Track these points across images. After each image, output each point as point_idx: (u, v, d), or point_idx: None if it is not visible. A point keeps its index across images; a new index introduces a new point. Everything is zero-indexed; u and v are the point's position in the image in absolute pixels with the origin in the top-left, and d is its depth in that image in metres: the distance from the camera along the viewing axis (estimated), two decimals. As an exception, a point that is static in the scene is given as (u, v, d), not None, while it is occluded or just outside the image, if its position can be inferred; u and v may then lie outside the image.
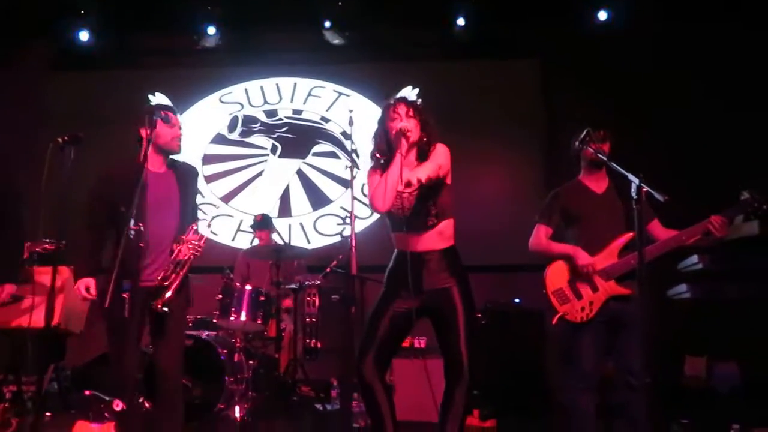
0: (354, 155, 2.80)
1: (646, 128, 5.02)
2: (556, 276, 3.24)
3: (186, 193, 3.02)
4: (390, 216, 2.80)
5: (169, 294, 2.76)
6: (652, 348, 2.67)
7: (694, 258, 3.95)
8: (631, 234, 3.16)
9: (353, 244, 2.30)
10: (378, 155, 2.85)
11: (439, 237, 2.76)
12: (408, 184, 2.61)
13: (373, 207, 2.75)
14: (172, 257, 2.86)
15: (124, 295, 2.47)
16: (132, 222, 2.47)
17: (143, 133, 2.88)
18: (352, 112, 2.72)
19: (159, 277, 2.81)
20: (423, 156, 2.80)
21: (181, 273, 2.83)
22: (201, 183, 5.58)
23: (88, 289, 2.79)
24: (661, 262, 3.11)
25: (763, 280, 3.87)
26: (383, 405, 2.72)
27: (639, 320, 3.05)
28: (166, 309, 2.74)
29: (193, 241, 2.85)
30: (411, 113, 2.78)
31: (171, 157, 3.06)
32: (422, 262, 2.72)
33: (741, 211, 3.13)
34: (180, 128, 3.06)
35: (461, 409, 2.67)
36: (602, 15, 5.73)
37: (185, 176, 3.09)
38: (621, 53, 5.56)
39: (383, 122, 2.86)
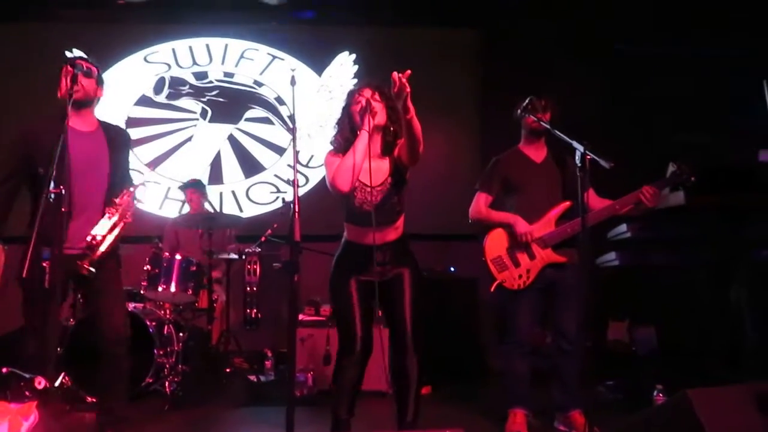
0: (291, 120, 2.67)
1: (580, 101, 5.10)
2: (495, 244, 3.28)
3: (117, 155, 2.83)
4: (353, 208, 2.72)
5: (99, 252, 2.60)
6: (589, 313, 2.74)
7: (623, 227, 4.10)
8: (567, 203, 3.23)
9: (297, 210, 2.21)
10: (340, 139, 2.76)
11: (396, 230, 2.76)
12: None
13: (334, 187, 2.64)
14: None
15: (44, 264, 2.28)
16: (52, 185, 2.27)
17: (63, 86, 2.66)
18: (294, 71, 2.57)
19: (87, 239, 2.62)
20: (388, 149, 2.73)
21: (111, 234, 2.66)
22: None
23: None
24: (591, 231, 3.18)
25: (687, 246, 4.07)
26: (353, 385, 2.72)
27: (574, 287, 3.14)
28: (93, 269, 2.57)
29: (123, 205, 2.68)
30: (377, 97, 2.69)
31: (100, 119, 2.86)
32: (383, 252, 2.70)
33: (670, 183, 3.25)
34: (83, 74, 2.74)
35: (415, 378, 2.68)
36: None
37: (116, 137, 2.89)
38: (556, 27, 5.63)
39: (347, 108, 2.76)
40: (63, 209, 2.34)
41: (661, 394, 3.40)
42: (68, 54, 5.71)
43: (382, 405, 2.77)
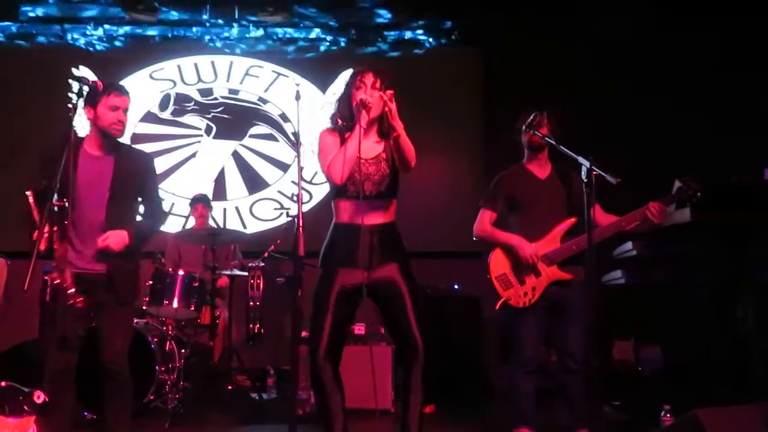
0: (296, 135, 2.66)
1: (583, 116, 5.10)
2: (500, 261, 3.25)
3: (121, 180, 2.79)
4: (347, 181, 2.66)
5: (71, 290, 2.51)
6: (595, 332, 2.70)
7: (629, 245, 4.07)
8: (573, 219, 3.20)
9: (300, 224, 2.18)
10: (338, 119, 2.75)
11: (386, 213, 2.71)
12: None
13: (329, 177, 2.66)
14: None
15: (46, 278, 2.26)
16: (56, 197, 2.26)
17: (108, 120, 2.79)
18: (299, 86, 2.57)
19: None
20: (385, 135, 2.70)
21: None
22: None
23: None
24: (597, 249, 3.15)
25: (693, 264, 4.04)
26: (335, 400, 2.63)
27: (579, 305, 3.10)
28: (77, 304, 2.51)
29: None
30: (377, 85, 2.65)
31: (117, 140, 2.89)
32: (372, 234, 2.64)
33: (677, 199, 3.22)
34: (125, 111, 2.89)
35: (420, 394, 2.62)
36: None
37: (128, 163, 2.87)
38: (559, 43, 5.65)
39: (349, 88, 2.74)
40: (65, 222, 2.34)
41: (668, 415, 3.34)
42: (74, 71, 5.77)
43: (384, 423, 2.72)
